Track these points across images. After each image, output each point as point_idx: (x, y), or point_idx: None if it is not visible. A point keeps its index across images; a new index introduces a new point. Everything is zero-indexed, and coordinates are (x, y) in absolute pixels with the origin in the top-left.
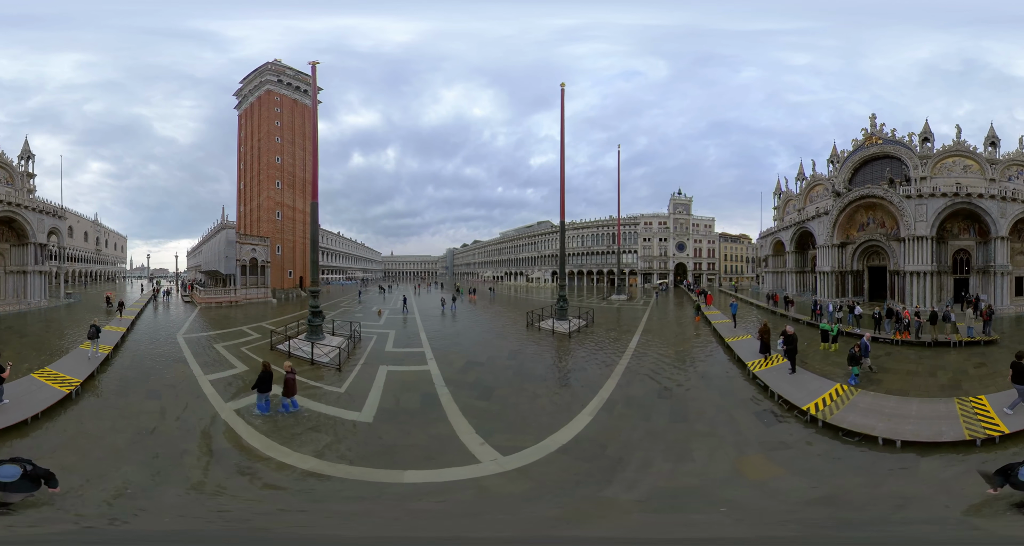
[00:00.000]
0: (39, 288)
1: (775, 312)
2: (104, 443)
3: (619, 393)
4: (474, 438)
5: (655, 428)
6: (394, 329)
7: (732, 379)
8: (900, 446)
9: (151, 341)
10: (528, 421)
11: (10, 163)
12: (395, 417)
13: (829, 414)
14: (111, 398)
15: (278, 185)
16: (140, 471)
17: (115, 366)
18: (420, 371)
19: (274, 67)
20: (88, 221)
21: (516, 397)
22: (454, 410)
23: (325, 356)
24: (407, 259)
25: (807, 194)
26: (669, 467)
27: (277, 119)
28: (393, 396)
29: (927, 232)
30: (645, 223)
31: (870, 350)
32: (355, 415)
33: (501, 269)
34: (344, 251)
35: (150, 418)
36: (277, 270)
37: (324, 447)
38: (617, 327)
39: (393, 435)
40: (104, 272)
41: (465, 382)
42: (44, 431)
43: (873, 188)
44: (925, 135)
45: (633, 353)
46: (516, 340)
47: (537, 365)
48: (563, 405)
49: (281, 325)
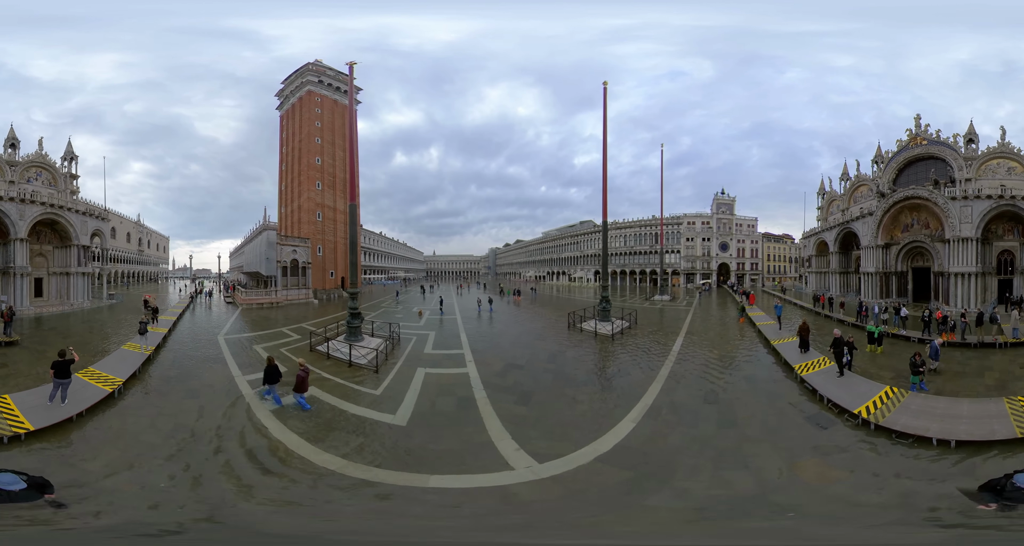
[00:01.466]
0: (82, 289)
1: (819, 313)
2: (142, 440)
3: (664, 398)
4: (509, 444)
5: (703, 434)
6: (434, 330)
7: (779, 382)
8: (954, 446)
9: (192, 342)
10: (567, 427)
11: (53, 165)
12: (429, 421)
13: (881, 417)
14: (152, 397)
15: (318, 186)
16: (173, 466)
17: (157, 365)
18: (458, 374)
19: (315, 68)
20: (131, 222)
21: (555, 402)
22: (490, 414)
23: (363, 358)
24: (449, 259)
25: (851, 194)
26: (722, 474)
27: (317, 120)
28: (429, 399)
29: (972, 234)
30: (688, 223)
31: (940, 353)
32: (389, 418)
33: (543, 269)
34: (386, 251)
35: (188, 416)
36: (318, 271)
37: (353, 449)
38: (660, 329)
39: (425, 439)
40: (147, 273)
41: (503, 386)
42: (87, 428)
43: (918, 189)
44: (970, 136)
45: (677, 356)
46: (557, 342)
47: (578, 369)
48: (605, 411)
49: (321, 326)
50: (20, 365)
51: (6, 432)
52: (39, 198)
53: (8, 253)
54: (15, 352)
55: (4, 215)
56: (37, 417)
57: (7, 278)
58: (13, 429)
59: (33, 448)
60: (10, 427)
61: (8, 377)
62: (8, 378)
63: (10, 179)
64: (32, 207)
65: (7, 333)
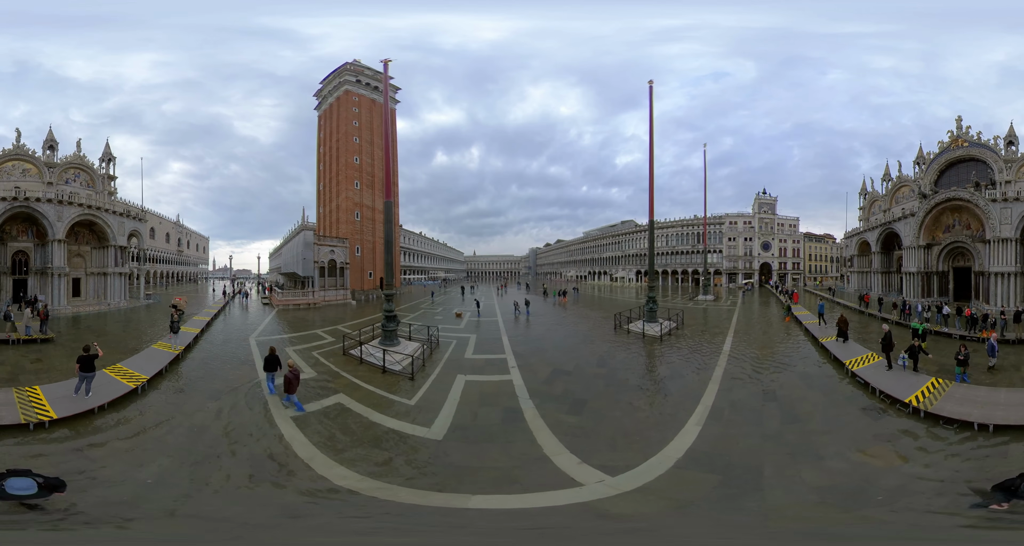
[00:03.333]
0: (119, 289)
1: (863, 312)
2: (151, 435)
3: (723, 399)
4: (569, 458)
5: (771, 432)
6: (474, 333)
7: (830, 378)
8: (992, 430)
9: (224, 342)
10: (630, 436)
11: (91, 166)
12: (469, 434)
13: (929, 405)
14: (173, 395)
15: (356, 186)
16: (176, 465)
17: (185, 365)
18: (501, 381)
19: (353, 67)
20: (170, 222)
21: (611, 410)
22: (541, 427)
23: (397, 364)
24: (489, 259)
25: (893, 195)
26: (806, 466)
27: (355, 119)
28: (470, 410)
29: (1012, 235)
30: (730, 222)
31: (997, 350)
32: (423, 431)
33: (584, 268)
34: (426, 251)
35: (205, 417)
36: (356, 271)
37: (379, 465)
38: (707, 329)
39: (463, 455)
40: (186, 273)
41: (552, 394)
42: (105, 420)
43: (959, 191)
44: (1009, 139)
45: (728, 356)
46: (604, 345)
47: (630, 373)
48: (666, 416)
49: (357, 328)
50: (54, 360)
51: (32, 419)
52: (77, 199)
53: (47, 254)
54: (50, 348)
55: (42, 216)
56: (62, 407)
57: (45, 278)
58: (39, 416)
59: (53, 435)
60: (36, 414)
61: (41, 371)
62: (41, 372)
63: (48, 181)
64: (70, 208)
65: (43, 331)
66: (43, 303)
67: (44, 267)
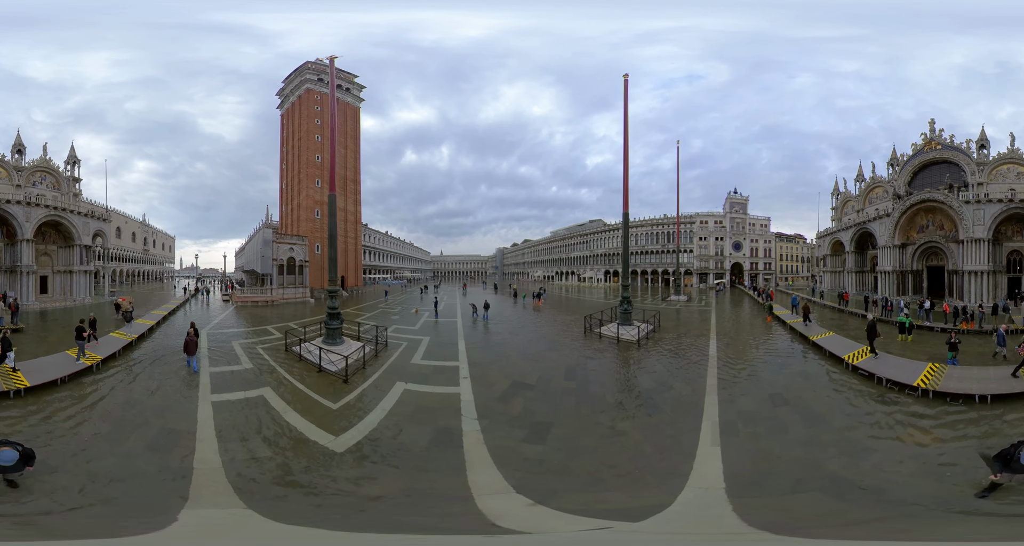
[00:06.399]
0: (84, 286)
1: (843, 310)
2: (86, 405)
3: (729, 411)
4: (515, 500)
5: (803, 438)
6: (429, 336)
7: (831, 374)
8: (990, 401)
9: (177, 333)
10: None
11: (56, 169)
12: (379, 452)
13: (935, 386)
14: (120, 374)
15: (318, 184)
16: (96, 435)
17: (137, 351)
18: (446, 394)
19: (314, 66)
20: (136, 222)
21: (583, 435)
22: (481, 457)
23: (333, 364)
24: (456, 259)
25: (866, 196)
26: (874, 462)
27: (317, 117)
28: (396, 424)
29: (984, 235)
30: (701, 222)
31: (1006, 340)
32: (328, 439)
33: (552, 269)
34: (391, 250)
35: (138, 394)
36: (317, 269)
37: (249, 460)
38: (687, 331)
39: (352, 474)
40: (152, 272)
41: (507, 413)
42: (62, 392)
43: (933, 193)
44: (981, 142)
45: (718, 360)
46: (574, 352)
47: (607, 387)
48: (666, 438)
49: (308, 325)
50: (25, 345)
51: (11, 387)
52: (44, 201)
53: (16, 253)
54: (20, 337)
55: (12, 217)
56: (33, 379)
57: (14, 276)
58: (16, 385)
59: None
60: (14, 384)
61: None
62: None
63: (17, 183)
64: (37, 210)
65: (14, 321)
66: (13, 298)
67: (13, 265)
